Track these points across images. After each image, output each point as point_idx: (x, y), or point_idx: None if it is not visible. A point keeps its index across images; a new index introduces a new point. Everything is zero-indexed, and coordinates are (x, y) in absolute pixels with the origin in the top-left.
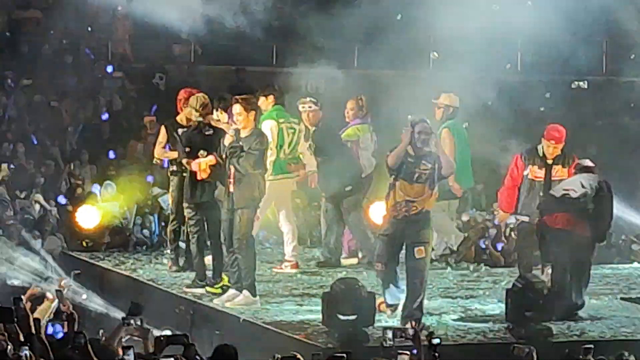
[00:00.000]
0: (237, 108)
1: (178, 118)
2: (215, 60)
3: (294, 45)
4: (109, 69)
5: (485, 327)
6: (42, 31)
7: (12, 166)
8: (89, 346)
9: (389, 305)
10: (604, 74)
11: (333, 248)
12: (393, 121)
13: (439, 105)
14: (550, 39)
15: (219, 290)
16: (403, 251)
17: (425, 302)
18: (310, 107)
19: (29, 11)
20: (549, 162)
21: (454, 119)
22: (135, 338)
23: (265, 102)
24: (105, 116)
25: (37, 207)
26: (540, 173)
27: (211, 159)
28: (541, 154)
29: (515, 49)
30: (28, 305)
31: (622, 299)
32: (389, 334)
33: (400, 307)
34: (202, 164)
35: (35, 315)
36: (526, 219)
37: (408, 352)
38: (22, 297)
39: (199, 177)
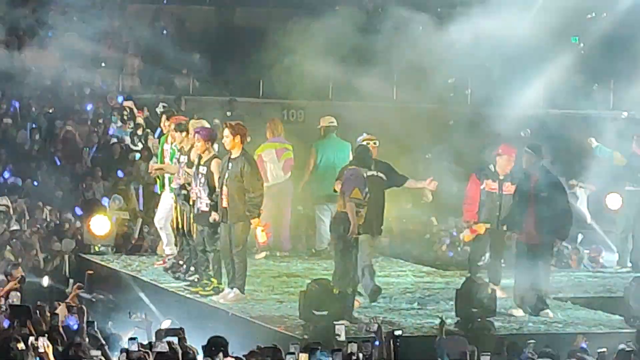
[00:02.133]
0: (225, 131)
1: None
2: (210, 92)
3: (277, 79)
4: (120, 98)
5: (438, 321)
6: (62, 67)
7: (34, 183)
8: (99, 334)
9: None
10: None
11: None
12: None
13: (320, 127)
14: None
15: (212, 292)
16: None
17: (388, 299)
18: (375, 143)
19: (48, 50)
20: (501, 177)
21: (329, 136)
22: (140, 329)
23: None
24: (115, 139)
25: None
26: (495, 185)
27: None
28: (493, 170)
29: None
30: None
31: (554, 298)
32: (341, 330)
33: None
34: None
35: (57, 311)
36: (487, 225)
37: (356, 342)
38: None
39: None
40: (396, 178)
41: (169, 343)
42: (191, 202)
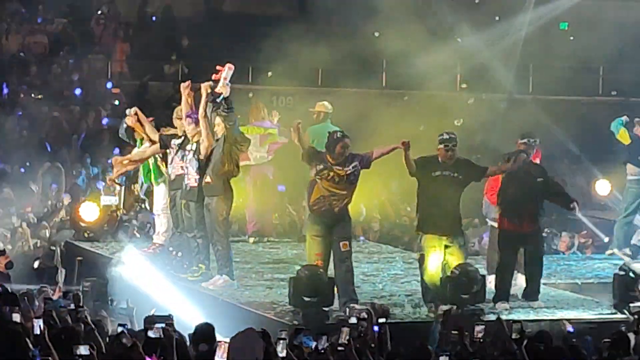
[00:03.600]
0: (217, 119)
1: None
2: (199, 78)
3: (266, 66)
4: (109, 85)
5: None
6: (51, 53)
7: (22, 170)
8: (89, 319)
9: None
10: None
11: None
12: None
13: (313, 112)
14: None
15: (200, 278)
16: None
17: (379, 286)
18: (446, 148)
19: (37, 36)
20: None
21: (324, 122)
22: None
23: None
24: (105, 125)
25: (49, 202)
26: None
27: None
28: None
29: None
30: None
31: (543, 284)
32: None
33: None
34: None
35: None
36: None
37: (348, 327)
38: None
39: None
40: (475, 172)
41: (163, 330)
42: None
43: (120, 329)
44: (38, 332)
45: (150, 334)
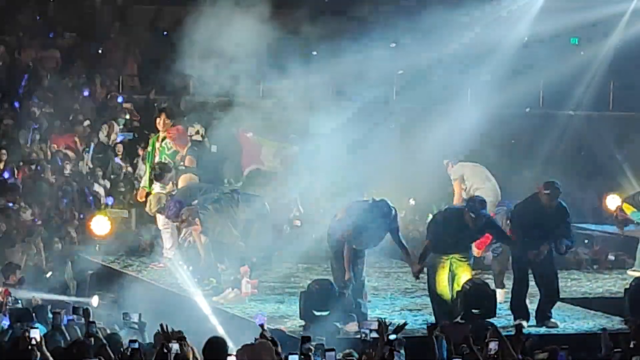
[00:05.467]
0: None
1: None
2: (209, 92)
3: (278, 81)
4: (120, 99)
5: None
6: (62, 67)
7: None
8: (100, 334)
9: None
10: None
11: None
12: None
13: None
14: None
15: (211, 292)
16: None
17: (389, 300)
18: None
19: (49, 51)
20: None
21: None
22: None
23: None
24: (119, 139)
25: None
26: None
27: None
28: None
29: None
30: None
31: None
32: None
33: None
34: None
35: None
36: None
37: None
38: None
39: None
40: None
41: (180, 345)
42: None
43: (131, 344)
44: (34, 343)
45: (169, 350)
